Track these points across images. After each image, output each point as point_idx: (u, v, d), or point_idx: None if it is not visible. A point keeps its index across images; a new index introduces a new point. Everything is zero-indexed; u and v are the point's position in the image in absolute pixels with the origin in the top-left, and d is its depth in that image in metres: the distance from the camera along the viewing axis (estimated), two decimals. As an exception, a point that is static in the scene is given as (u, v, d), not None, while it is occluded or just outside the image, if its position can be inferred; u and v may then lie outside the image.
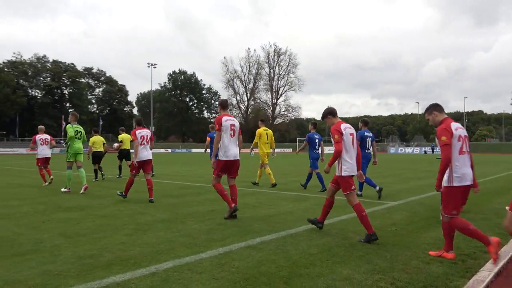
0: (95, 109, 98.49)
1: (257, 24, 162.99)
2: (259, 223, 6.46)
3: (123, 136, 14.86)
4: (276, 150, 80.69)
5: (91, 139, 14.94)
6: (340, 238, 5.49)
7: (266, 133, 12.31)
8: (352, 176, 5.50)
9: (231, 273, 3.96)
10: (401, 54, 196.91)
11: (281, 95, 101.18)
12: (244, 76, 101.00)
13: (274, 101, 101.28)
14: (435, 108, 4.73)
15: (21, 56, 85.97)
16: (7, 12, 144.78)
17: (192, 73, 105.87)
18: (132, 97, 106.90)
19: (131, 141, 14.32)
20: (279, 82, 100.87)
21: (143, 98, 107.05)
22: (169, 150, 73.39)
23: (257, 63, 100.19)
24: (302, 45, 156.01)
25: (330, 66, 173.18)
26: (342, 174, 5.45)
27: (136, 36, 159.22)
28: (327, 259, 4.42)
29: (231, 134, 7.08)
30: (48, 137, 12.66)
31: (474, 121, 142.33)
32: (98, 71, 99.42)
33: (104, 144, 15.36)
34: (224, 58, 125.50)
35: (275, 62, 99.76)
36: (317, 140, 11.22)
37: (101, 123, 76.04)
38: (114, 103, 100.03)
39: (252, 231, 5.85)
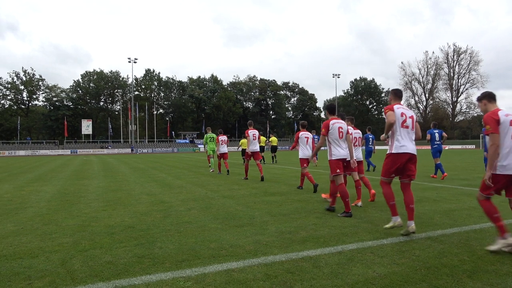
0: (291, 115, 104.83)
1: (437, 25, 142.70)
2: (440, 217, 5.75)
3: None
4: (458, 147, 70.06)
5: (271, 138, 21.79)
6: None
7: None
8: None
9: (412, 261, 3.64)
10: None
11: (462, 93, 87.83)
12: (422, 77, 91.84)
13: (454, 99, 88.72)
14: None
15: (239, 78, 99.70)
16: (231, 46, 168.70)
17: (371, 78, 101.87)
18: (320, 103, 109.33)
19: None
20: (459, 80, 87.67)
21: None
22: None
23: (436, 64, 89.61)
24: (487, 40, 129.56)
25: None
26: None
27: (322, 51, 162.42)
28: (519, 259, 3.63)
29: (253, 138, 11.51)
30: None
31: None
32: (293, 84, 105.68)
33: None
34: (402, 63, 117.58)
35: (455, 62, 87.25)
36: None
37: (296, 127, 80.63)
38: (306, 109, 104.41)
39: (432, 224, 5.26)
